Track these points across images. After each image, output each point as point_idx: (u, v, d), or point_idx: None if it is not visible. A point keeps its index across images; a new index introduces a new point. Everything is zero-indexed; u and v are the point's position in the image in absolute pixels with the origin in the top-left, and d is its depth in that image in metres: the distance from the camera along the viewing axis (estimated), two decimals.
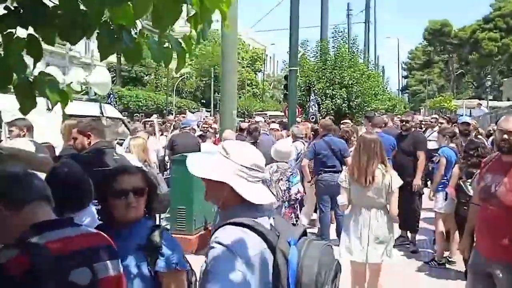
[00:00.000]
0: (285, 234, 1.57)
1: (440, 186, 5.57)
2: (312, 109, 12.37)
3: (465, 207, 4.74)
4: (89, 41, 51.24)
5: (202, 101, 50.91)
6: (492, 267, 3.00)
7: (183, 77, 49.94)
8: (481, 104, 22.77)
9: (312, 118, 12.06)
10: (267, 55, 71.28)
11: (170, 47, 1.80)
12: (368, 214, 3.79)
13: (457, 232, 5.37)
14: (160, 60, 1.77)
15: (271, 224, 1.61)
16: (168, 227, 6.30)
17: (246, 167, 1.58)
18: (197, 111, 41.23)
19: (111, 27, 1.70)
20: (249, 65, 62.05)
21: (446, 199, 5.39)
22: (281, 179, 4.47)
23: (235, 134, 5.80)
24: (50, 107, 6.27)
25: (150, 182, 2.12)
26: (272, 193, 4.32)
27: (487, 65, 52.86)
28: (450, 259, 5.64)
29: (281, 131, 8.53)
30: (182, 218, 5.94)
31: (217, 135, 9.74)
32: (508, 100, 37.36)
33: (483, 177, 3.14)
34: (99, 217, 2.14)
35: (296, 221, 4.56)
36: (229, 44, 7.31)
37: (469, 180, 4.71)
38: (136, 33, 1.80)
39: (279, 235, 1.56)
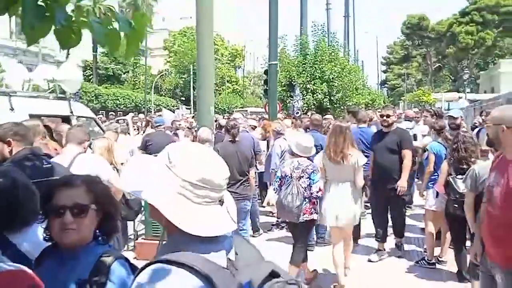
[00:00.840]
0: (244, 274, 1.15)
1: (431, 183, 5.33)
2: (298, 104, 12.09)
3: (455, 205, 4.52)
4: None
5: (181, 98, 50.27)
6: (495, 270, 2.83)
7: (161, 74, 49.19)
8: (460, 97, 22.86)
9: (297, 113, 11.78)
10: (246, 52, 70.90)
11: (118, 28, 1.42)
12: (342, 187, 4.55)
13: (448, 231, 5.14)
14: (104, 44, 1.39)
15: (229, 259, 1.18)
16: (144, 232, 5.94)
17: (191, 183, 1.15)
18: (176, 108, 40.66)
19: (39, 2, 1.32)
20: (229, 61, 61.60)
21: (437, 196, 5.15)
22: (302, 176, 4.33)
23: (212, 132, 5.45)
24: (12, 107, 5.63)
25: (102, 196, 1.72)
26: (292, 192, 4.20)
27: (464, 59, 53.55)
28: (440, 259, 5.40)
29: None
30: (157, 224, 5.54)
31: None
32: (485, 92, 37.91)
33: (489, 176, 2.93)
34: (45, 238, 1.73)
35: (314, 218, 4.54)
36: (205, 37, 6.91)
37: (460, 176, 4.46)
38: (72, 10, 1.41)
39: (235, 275, 1.14)
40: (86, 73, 51.24)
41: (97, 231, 1.70)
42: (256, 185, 6.67)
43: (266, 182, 6.97)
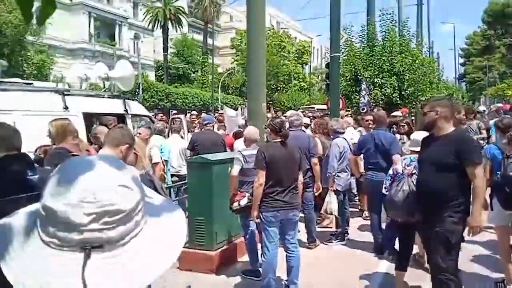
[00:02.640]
0: None
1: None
2: (364, 99, 11.17)
3: None
4: (137, 40, 52.39)
5: None
6: None
7: (228, 72, 49.54)
8: None
9: (363, 109, 10.87)
10: (314, 47, 69.59)
11: None
12: None
13: None
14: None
15: None
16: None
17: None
18: (245, 106, 40.58)
19: None
20: (295, 58, 60.76)
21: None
22: (414, 173, 4.16)
23: (257, 131, 4.86)
24: (66, 105, 5.29)
25: None
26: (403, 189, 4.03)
27: None
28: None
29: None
30: (201, 231, 5.09)
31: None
32: None
33: None
34: None
35: None
36: (255, 29, 6.38)
37: None
38: None
39: None
40: (158, 73, 53.13)
41: None
42: (312, 190, 6.01)
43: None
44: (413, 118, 12.23)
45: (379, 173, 5.47)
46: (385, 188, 4.36)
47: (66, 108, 6.68)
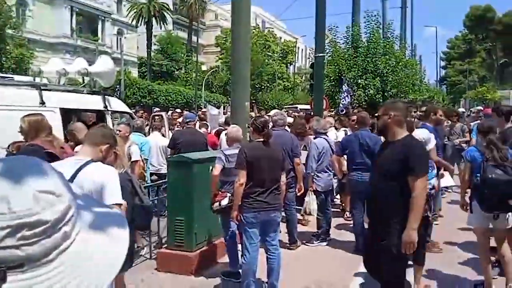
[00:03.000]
0: None
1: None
2: (345, 101, 11.16)
3: None
4: (120, 36, 51.70)
5: None
6: None
7: (212, 70, 49.29)
8: None
9: (342, 111, 10.86)
10: (298, 48, 69.80)
11: None
12: None
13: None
14: None
15: None
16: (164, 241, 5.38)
17: None
18: (228, 105, 40.41)
19: None
20: (280, 58, 60.83)
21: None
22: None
23: (240, 130, 4.76)
24: (42, 100, 5.02)
25: None
26: None
27: None
28: None
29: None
30: (180, 231, 4.96)
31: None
32: None
33: None
34: None
35: (428, 216, 4.37)
36: (239, 27, 6.28)
37: None
38: None
39: None
40: (142, 70, 52.54)
41: None
42: (294, 191, 5.94)
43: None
44: None
45: (365, 173, 5.40)
46: None
47: (42, 103, 6.47)
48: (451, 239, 6.15)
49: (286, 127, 8.29)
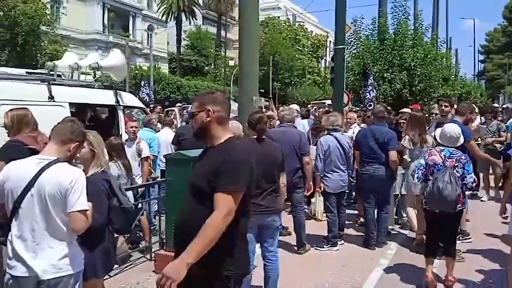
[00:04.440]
0: None
1: None
2: (370, 95, 10.67)
3: None
4: (151, 32, 52.31)
5: (260, 90, 49.81)
6: None
7: None
8: None
9: (370, 105, 10.35)
10: (330, 42, 68.73)
11: None
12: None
13: None
14: None
15: None
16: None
17: None
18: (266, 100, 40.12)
19: None
20: (310, 52, 60.05)
21: None
22: (457, 166, 4.25)
23: (240, 126, 4.46)
24: (51, 95, 4.79)
25: None
26: (450, 181, 4.11)
27: None
28: None
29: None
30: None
31: None
32: None
33: None
34: None
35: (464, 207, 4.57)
36: (247, 19, 6.00)
37: None
38: None
39: None
40: (172, 65, 53.04)
41: None
42: (302, 191, 5.59)
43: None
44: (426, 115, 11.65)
45: (379, 168, 5.64)
46: (417, 178, 4.44)
47: (51, 98, 6.37)
48: (475, 246, 5.65)
49: (302, 121, 8.00)
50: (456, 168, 4.23)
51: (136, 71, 37.10)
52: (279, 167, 3.87)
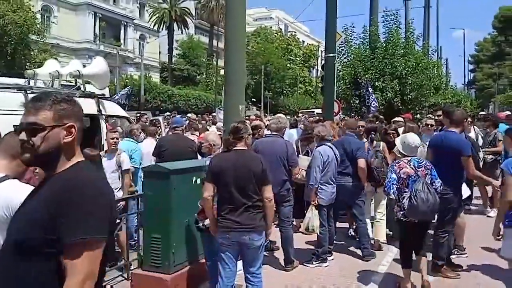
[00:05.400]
0: None
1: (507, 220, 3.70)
2: (373, 105, 10.51)
3: None
4: (142, 41, 52.08)
5: (252, 99, 49.70)
6: None
7: None
8: None
9: (372, 115, 10.15)
10: (321, 51, 68.94)
11: None
12: None
13: None
14: None
15: None
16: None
17: None
18: (247, 109, 40.06)
19: None
20: (302, 62, 60.16)
21: None
22: (427, 173, 4.36)
23: (219, 135, 4.22)
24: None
25: None
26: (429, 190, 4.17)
27: None
28: None
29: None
30: (156, 251, 4.42)
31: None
32: None
33: None
34: None
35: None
36: (233, 27, 5.81)
37: None
38: None
39: None
40: (163, 74, 52.75)
41: None
42: (291, 205, 5.33)
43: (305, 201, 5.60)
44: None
45: (350, 178, 5.66)
46: (392, 193, 4.36)
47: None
48: (470, 261, 5.40)
49: (290, 131, 7.73)
50: (427, 175, 4.34)
51: (127, 80, 36.81)
52: (258, 180, 3.56)
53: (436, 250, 4.97)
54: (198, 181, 4.48)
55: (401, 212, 4.33)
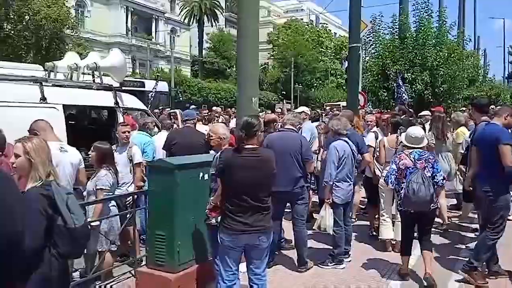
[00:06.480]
0: None
1: None
2: (403, 97, 10.07)
3: None
4: (173, 35, 52.50)
5: (283, 92, 49.28)
6: None
7: (263, 67, 48.71)
8: None
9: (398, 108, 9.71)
10: None
11: None
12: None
13: None
14: None
15: None
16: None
17: None
18: (277, 102, 39.58)
19: None
20: (333, 54, 59.13)
21: None
22: (426, 166, 4.44)
23: (227, 129, 4.01)
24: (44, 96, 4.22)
25: None
26: (423, 182, 4.31)
27: None
28: None
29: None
30: (161, 249, 4.25)
31: None
32: None
33: None
34: None
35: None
36: (246, 18, 5.57)
37: None
38: None
39: None
40: (194, 68, 53.04)
41: None
42: (305, 203, 5.05)
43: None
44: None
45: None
46: (390, 183, 4.56)
47: (43, 99, 6.03)
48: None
49: (311, 124, 7.40)
50: (427, 168, 4.43)
51: (158, 74, 37.18)
52: (270, 180, 3.36)
53: (478, 250, 4.61)
54: (206, 176, 4.28)
55: (399, 202, 4.60)
